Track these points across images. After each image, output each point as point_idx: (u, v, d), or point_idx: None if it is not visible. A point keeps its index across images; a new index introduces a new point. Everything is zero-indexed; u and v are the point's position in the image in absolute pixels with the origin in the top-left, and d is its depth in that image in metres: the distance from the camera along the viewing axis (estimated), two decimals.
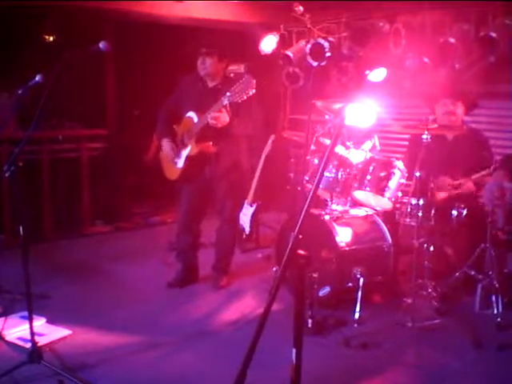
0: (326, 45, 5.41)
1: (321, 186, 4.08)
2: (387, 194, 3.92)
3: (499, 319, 3.58)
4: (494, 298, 3.66)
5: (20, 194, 2.92)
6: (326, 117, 4.40)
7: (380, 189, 3.94)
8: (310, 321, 3.51)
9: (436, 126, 3.75)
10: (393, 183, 3.92)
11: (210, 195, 4.32)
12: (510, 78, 4.87)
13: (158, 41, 6.68)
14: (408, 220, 3.75)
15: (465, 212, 3.83)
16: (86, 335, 3.50)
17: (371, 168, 4.00)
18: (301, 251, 1.87)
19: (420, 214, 3.65)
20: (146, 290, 4.32)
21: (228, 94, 3.76)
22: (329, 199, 4.17)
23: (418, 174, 3.62)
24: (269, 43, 5.71)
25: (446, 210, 3.84)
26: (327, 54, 5.42)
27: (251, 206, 4.78)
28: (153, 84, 6.69)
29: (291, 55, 5.70)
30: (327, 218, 3.98)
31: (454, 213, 3.84)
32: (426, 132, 3.64)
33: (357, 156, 4.15)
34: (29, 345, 2.95)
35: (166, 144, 4.22)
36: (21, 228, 2.83)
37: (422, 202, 3.65)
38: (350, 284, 3.81)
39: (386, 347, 3.37)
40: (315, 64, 5.51)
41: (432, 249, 3.83)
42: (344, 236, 3.90)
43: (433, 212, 3.69)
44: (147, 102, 6.51)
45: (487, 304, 3.72)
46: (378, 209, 4.19)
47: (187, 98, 4.20)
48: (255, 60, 5.92)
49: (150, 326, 3.68)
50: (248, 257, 5.17)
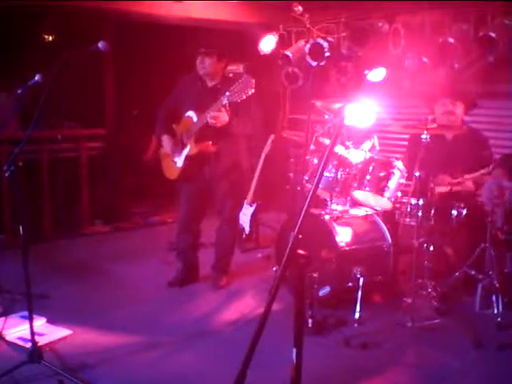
0: (325, 45, 5.41)
1: (320, 186, 4.08)
2: (387, 194, 3.92)
3: (499, 319, 3.58)
4: (494, 297, 3.66)
5: (20, 194, 2.92)
6: (326, 117, 4.41)
7: (380, 189, 3.94)
8: (310, 321, 3.51)
9: (435, 125, 3.75)
10: (392, 183, 3.93)
11: (210, 195, 4.31)
12: (509, 77, 4.87)
13: (157, 41, 6.68)
14: (408, 220, 3.75)
15: (464, 212, 3.82)
16: (85, 335, 3.50)
17: (371, 168, 4.00)
18: (301, 251, 1.87)
19: (420, 214, 3.66)
20: (146, 290, 4.32)
21: (227, 93, 3.76)
22: (328, 199, 4.17)
23: (418, 173, 3.62)
24: (268, 43, 5.71)
25: (446, 209, 3.84)
26: (326, 53, 5.42)
27: (251, 206, 4.78)
28: (152, 84, 6.69)
29: (290, 55, 5.70)
30: (327, 217, 3.98)
31: (454, 212, 3.84)
32: (425, 132, 3.64)
33: (356, 156, 4.15)
34: (29, 345, 2.95)
35: (165, 140, 4.21)
36: (21, 228, 2.83)
37: (421, 202, 3.66)
38: (350, 284, 3.81)
39: (386, 347, 3.37)
40: (314, 64, 5.50)
41: (432, 248, 3.83)
42: (344, 236, 3.90)
43: (432, 212, 3.69)
44: (146, 101, 6.51)
45: (487, 304, 3.72)
46: (378, 209, 4.19)
47: (186, 97, 4.20)
48: (254, 60, 5.92)
49: (149, 326, 3.68)
50: (248, 257, 5.17)
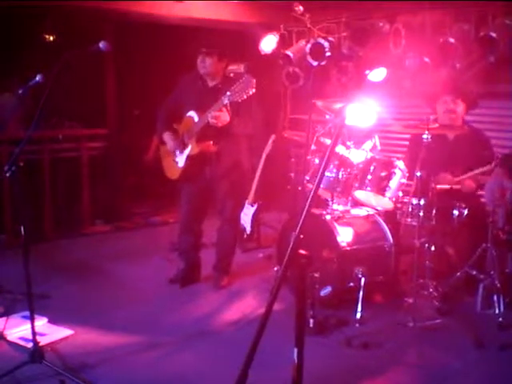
0: (326, 44, 5.41)
1: (322, 186, 4.08)
2: (388, 194, 3.92)
3: (501, 319, 3.58)
4: (495, 297, 3.66)
5: (21, 194, 2.92)
6: (327, 116, 4.40)
7: (381, 188, 3.94)
8: (311, 321, 3.51)
9: (437, 125, 3.74)
10: (394, 183, 3.92)
11: (211, 195, 4.31)
12: (510, 77, 4.87)
13: (157, 41, 6.68)
14: (409, 220, 3.74)
15: (466, 212, 3.82)
16: (86, 335, 3.50)
17: (372, 168, 4.00)
18: (302, 251, 1.87)
19: (421, 214, 3.65)
20: (147, 290, 4.32)
21: (228, 93, 3.76)
22: (330, 199, 4.16)
23: (419, 173, 3.62)
24: (269, 43, 5.71)
25: (447, 209, 3.84)
26: (327, 53, 5.42)
27: (252, 206, 4.78)
28: (153, 84, 6.68)
29: (291, 55, 5.70)
30: (328, 217, 3.98)
31: (455, 213, 3.83)
32: (426, 132, 3.64)
33: (357, 156, 4.15)
34: (30, 344, 2.95)
35: (167, 136, 4.20)
36: (21, 228, 2.83)
37: (423, 202, 3.65)
38: (352, 284, 3.81)
39: (387, 347, 3.37)
40: (315, 64, 5.51)
41: (433, 248, 3.82)
42: (345, 236, 3.90)
43: (434, 212, 3.69)
44: (147, 101, 6.51)
45: (489, 304, 3.71)
46: (379, 209, 4.18)
47: (187, 97, 4.19)
48: (255, 60, 5.92)
49: (150, 326, 3.68)
50: (249, 257, 5.16)
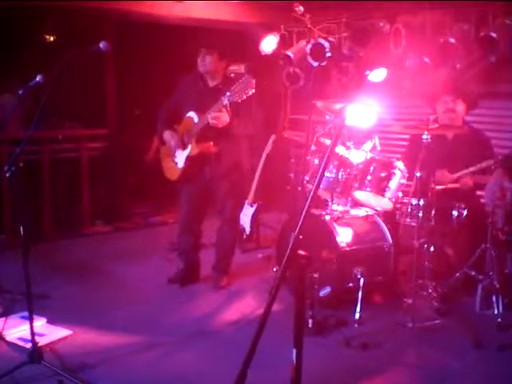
0: (327, 45, 5.41)
1: (321, 187, 4.08)
2: (388, 195, 3.92)
3: (500, 319, 3.58)
4: (494, 298, 3.66)
5: (20, 194, 2.92)
6: (327, 117, 4.40)
7: (380, 189, 3.94)
8: (310, 321, 3.51)
9: (437, 125, 3.74)
10: (393, 183, 3.92)
11: (211, 195, 4.31)
12: (510, 77, 4.87)
13: (157, 41, 6.69)
14: (408, 220, 3.74)
15: (465, 212, 3.82)
16: (86, 335, 3.50)
17: (372, 168, 3.99)
18: (301, 251, 1.87)
19: (420, 215, 3.65)
20: (146, 290, 4.32)
21: (228, 93, 3.76)
22: (329, 199, 4.17)
23: (419, 174, 3.62)
24: (269, 43, 5.71)
25: (447, 210, 3.84)
26: (327, 54, 5.41)
27: (252, 206, 4.78)
28: (153, 84, 6.69)
29: (291, 55, 5.70)
30: (328, 218, 3.98)
31: (455, 213, 3.83)
32: (426, 132, 3.64)
33: (357, 156, 4.14)
34: (29, 345, 2.95)
35: (167, 135, 4.19)
36: (21, 228, 2.83)
37: (422, 203, 3.65)
38: (351, 284, 3.81)
39: (386, 347, 3.37)
40: (315, 64, 5.50)
41: (432, 249, 3.83)
42: (344, 236, 3.90)
43: (433, 212, 3.68)
44: (147, 101, 6.51)
45: (488, 304, 3.71)
46: (379, 209, 4.18)
47: (187, 97, 4.20)
48: (255, 60, 5.91)
49: (149, 326, 3.68)
50: (248, 257, 5.16)
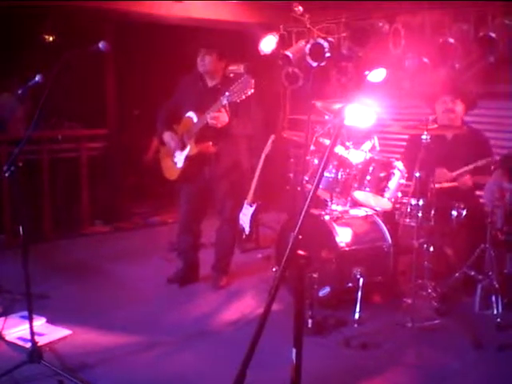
0: (326, 45, 5.41)
1: (321, 187, 4.08)
2: (387, 195, 3.92)
3: (499, 319, 3.58)
4: (493, 298, 3.66)
5: (20, 194, 2.92)
6: (326, 117, 4.40)
7: (380, 189, 3.94)
8: (310, 321, 3.51)
9: (436, 126, 3.74)
10: (392, 183, 3.92)
11: (210, 195, 4.31)
12: (509, 78, 4.87)
13: (157, 41, 6.69)
14: (408, 220, 3.74)
15: (464, 212, 3.82)
16: (85, 335, 3.50)
17: (371, 168, 4.00)
18: (301, 251, 1.88)
19: (420, 215, 3.65)
20: (146, 290, 4.32)
21: (227, 93, 3.76)
22: (329, 199, 4.17)
23: (418, 174, 3.62)
24: (268, 43, 5.71)
25: (446, 210, 3.84)
26: (327, 54, 5.41)
27: (251, 206, 4.78)
28: (153, 84, 6.69)
29: (291, 55, 5.69)
30: (327, 218, 3.98)
31: (454, 213, 3.84)
32: (425, 132, 3.64)
33: (356, 156, 4.15)
34: (29, 345, 2.95)
35: (167, 136, 4.19)
36: (21, 228, 2.83)
37: (421, 203, 3.65)
38: (350, 284, 3.81)
39: (386, 347, 3.37)
40: (315, 64, 5.50)
41: (432, 249, 3.82)
42: (344, 236, 3.90)
43: (432, 212, 3.68)
44: (147, 101, 6.51)
45: (487, 304, 3.72)
46: (378, 209, 4.19)
47: (187, 97, 4.20)
48: (255, 60, 5.92)
49: (149, 326, 3.68)
50: (248, 257, 5.17)
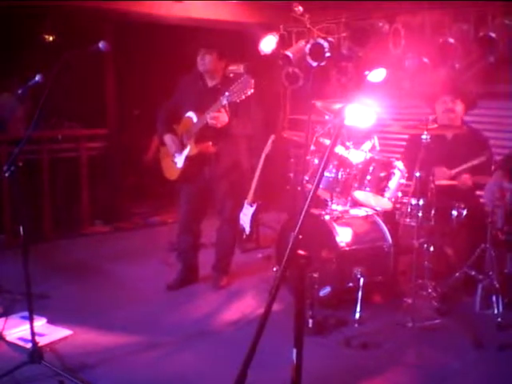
0: (326, 45, 5.41)
1: (321, 186, 4.08)
2: (387, 194, 3.92)
3: (499, 319, 3.58)
4: (494, 298, 3.66)
5: (20, 194, 2.92)
6: (326, 117, 4.40)
7: (380, 189, 3.94)
8: (310, 321, 3.51)
9: (436, 125, 3.74)
10: (393, 183, 3.92)
11: (210, 195, 4.31)
12: (509, 78, 4.87)
13: (157, 41, 6.69)
14: (408, 220, 3.74)
15: (465, 212, 3.82)
16: (85, 335, 3.50)
17: (371, 168, 4.00)
18: (301, 251, 1.87)
19: (420, 215, 3.65)
20: (146, 290, 4.31)
21: (226, 93, 3.76)
22: (329, 199, 4.17)
23: (418, 174, 3.62)
24: (268, 43, 5.71)
25: (446, 210, 3.84)
26: (327, 54, 5.42)
27: (251, 206, 4.77)
28: (152, 84, 6.69)
29: (291, 55, 5.69)
30: (327, 218, 3.98)
31: (454, 213, 3.84)
32: (425, 132, 3.64)
33: (357, 156, 4.15)
34: (29, 345, 2.95)
35: (168, 139, 4.19)
36: (21, 228, 2.83)
37: (421, 202, 3.65)
38: (351, 284, 3.81)
39: (386, 347, 3.37)
40: (315, 64, 5.50)
41: (432, 249, 3.82)
42: (344, 236, 3.90)
43: (433, 212, 3.68)
44: (147, 101, 6.52)
45: (487, 304, 3.71)
46: (378, 209, 4.19)
47: (187, 97, 4.20)
48: (255, 60, 5.92)
49: (149, 326, 3.68)
50: (248, 257, 5.17)
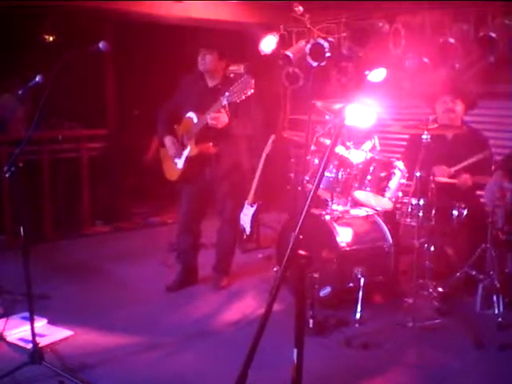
0: (326, 45, 5.41)
1: (321, 186, 4.08)
2: (388, 194, 3.92)
3: (500, 319, 3.58)
4: (494, 297, 3.66)
5: (20, 195, 2.92)
6: (326, 117, 4.40)
7: (380, 189, 3.94)
8: (311, 321, 3.51)
9: (436, 125, 3.74)
10: (393, 183, 3.92)
11: (211, 196, 4.31)
12: (509, 77, 4.87)
13: (157, 41, 6.68)
14: (408, 220, 3.74)
15: (465, 212, 3.82)
16: (86, 336, 3.50)
17: (371, 168, 3.99)
18: (301, 251, 1.88)
19: (420, 214, 3.65)
20: (147, 291, 4.31)
21: (227, 94, 3.76)
22: (329, 199, 4.17)
23: (419, 174, 3.62)
24: (268, 43, 5.71)
25: (447, 210, 3.84)
26: (327, 54, 5.42)
27: (252, 207, 4.77)
28: (152, 84, 6.69)
29: (291, 55, 5.70)
30: (328, 218, 3.98)
31: (455, 213, 3.83)
32: (425, 132, 3.64)
33: (357, 156, 4.15)
34: (30, 345, 2.95)
35: (168, 142, 4.20)
36: (21, 228, 2.83)
37: (422, 202, 3.65)
38: (351, 284, 3.81)
39: (387, 347, 3.37)
40: (315, 64, 5.50)
41: (433, 249, 3.82)
42: (345, 236, 3.90)
43: (433, 212, 3.68)
44: (147, 101, 6.51)
45: (488, 304, 3.72)
46: (379, 209, 4.18)
47: (187, 97, 4.19)
48: (255, 60, 5.92)
49: (150, 327, 3.68)
50: (249, 257, 5.16)
